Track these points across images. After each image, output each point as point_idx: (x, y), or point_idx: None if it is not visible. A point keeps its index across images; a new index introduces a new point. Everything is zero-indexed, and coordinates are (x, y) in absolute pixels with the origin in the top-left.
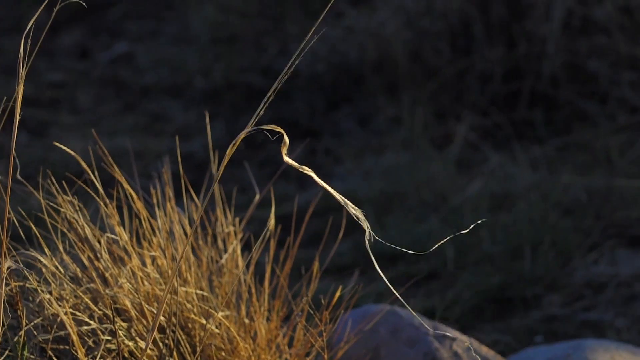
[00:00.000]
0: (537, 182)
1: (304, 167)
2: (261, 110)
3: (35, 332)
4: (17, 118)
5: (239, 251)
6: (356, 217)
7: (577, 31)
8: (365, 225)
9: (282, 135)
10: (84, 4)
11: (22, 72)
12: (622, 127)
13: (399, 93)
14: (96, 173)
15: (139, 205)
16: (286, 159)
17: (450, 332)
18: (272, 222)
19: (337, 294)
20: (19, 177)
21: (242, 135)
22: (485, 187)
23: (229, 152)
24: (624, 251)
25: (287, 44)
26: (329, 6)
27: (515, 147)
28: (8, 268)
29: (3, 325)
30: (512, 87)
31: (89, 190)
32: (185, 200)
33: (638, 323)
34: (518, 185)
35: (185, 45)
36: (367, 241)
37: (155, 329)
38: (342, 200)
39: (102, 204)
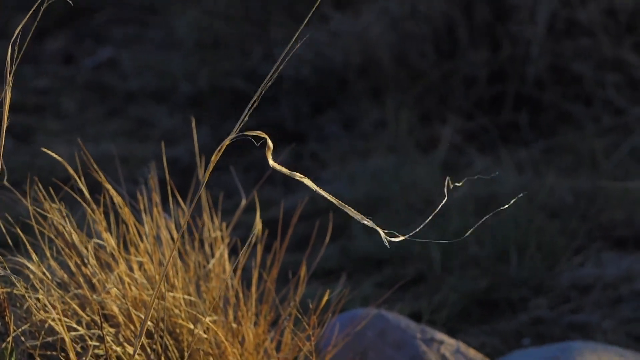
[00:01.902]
0: (522, 185)
1: (295, 172)
2: (246, 115)
3: (23, 339)
4: (5, 124)
5: (226, 256)
6: (366, 221)
7: (562, 33)
8: (380, 231)
9: (272, 140)
10: (70, 6)
11: (9, 79)
12: (607, 129)
13: (383, 96)
14: (82, 179)
15: (125, 210)
16: (272, 163)
17: (438, 335)
18: (258, 226)
19: (325, 298)
20: (6, 183)
21: (227, 141)
22: (471, 190)
23: (214, 158)
24: (610, 253)
25: (272, 49)
26: (312, 10)
27: (500, 149)
28: None
29: None
30: (496, 90)
31: (75, 196)
32: (171, 205)
33: (625, 325)
34: (504, 188)
35: (170, 50)
36: (385, 239)
37: (143, 335)
38: (340, 204)
39: (89, 210)
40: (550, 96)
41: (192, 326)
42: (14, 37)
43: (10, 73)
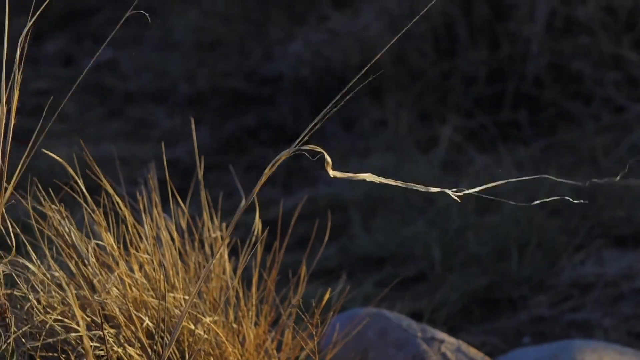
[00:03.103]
0: (522, 183)
1: (358, 174)
2: None
3: (23, 340)
4: (12, 124)
5: (226, 256)
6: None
7: (561, 31)
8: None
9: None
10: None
11: (18, 77)
12: (606, 127)
13: (383, 96)
14: (82, 180)
15: (125, 211)
16: (332, 173)
17: (438, 334)
18: (258, 227)
19: (325, 298)
20: (6, 185)
21: (284, 155)
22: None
23: (267, 172)
24: (611, 251)
25: (271, 48)
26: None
27: (500, 148)
28: None
29: None
30: (496, 89)
31: (75, 196)
32: (171, 206)
33: (625, 323)
34: (504, 187)
35: (169, 51)
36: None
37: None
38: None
39: (89, 210)
40: (549, 94)
41: (192, 327)
42: (21, 38)
43: (18, 72)
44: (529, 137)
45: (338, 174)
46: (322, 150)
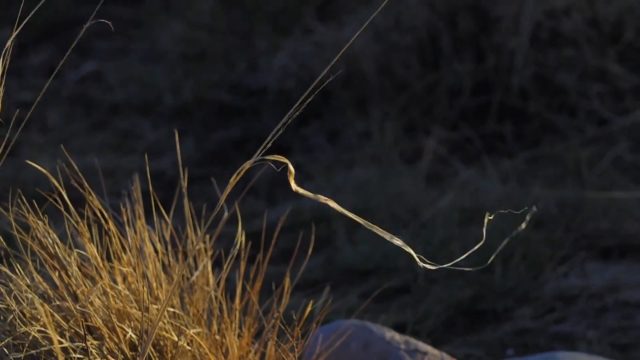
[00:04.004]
0: (507, 195)
1: (320, 196)
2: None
3: (6, 351)
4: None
5: (209, 268)
6: (397, 240)
7: (546, 44)
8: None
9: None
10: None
11: (1, 89)
12: (591, 139)
13: (368, 108)
14: (66, 191)
15: (109, 223)
16: (295, 187)
17: (422, 346)
18: (241, 238)
19: (308, 310)
20: None
21: (248, 165)
22: (455, 201)
23: (233, 180)
24: (595, 263)
25: (256, 60)
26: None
27: (485, 160)
28: None
29: None
30: (481, 101)
31: (60, 208)
32: (155, 217)
33: (609, 335)
34: (488, 199)
35: (154, 63)
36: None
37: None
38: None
39: (72, 222)
40: (534, 106)
41: (176, 338)
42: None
43: (1, 84)
44: (514, 149)
45: (300, 190)
46: (286, 161)
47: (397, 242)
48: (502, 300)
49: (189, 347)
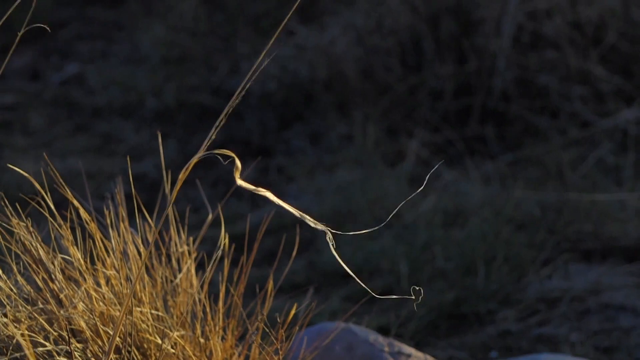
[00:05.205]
0: (489, 198)
1: (260, 188)
2: (213, 133)
3: None
4: None
5: (193, 271)
6: (324, 230)
7: (528, 46)
8: (329, 239)
9: (238, 154)
10: (36, 22)
11: None
12: (573, 142)
13: (350, 110)
14: (49, 194)
15: (92, 226)
16: (239, 182)
17: (405, 349)
18: (224, 241)
19: (292, 312)
20: None
21: (195, 159)
22: (438, 203)
23: (182, 176)
24: (577, 265)
25: (238, 63)
26: (279, 25)
27: (467, 162)
28: None
29: None
30: (463, 103)
31: (42, 211)
32: (138, 220)
33: (592, 337)
34: (471, 201)
35: (135, 66)
36: (333, 251)
37: (112, 351)
38: (300, 215)
39: (55, 225)
40: (516, 109)
41: (159, 341)
42: None
43: None
44: (496, 152)
45: (244, 184)
46: (232, 155)
47: (313, 224)
48: (485, 303)
49: (172, 350)
